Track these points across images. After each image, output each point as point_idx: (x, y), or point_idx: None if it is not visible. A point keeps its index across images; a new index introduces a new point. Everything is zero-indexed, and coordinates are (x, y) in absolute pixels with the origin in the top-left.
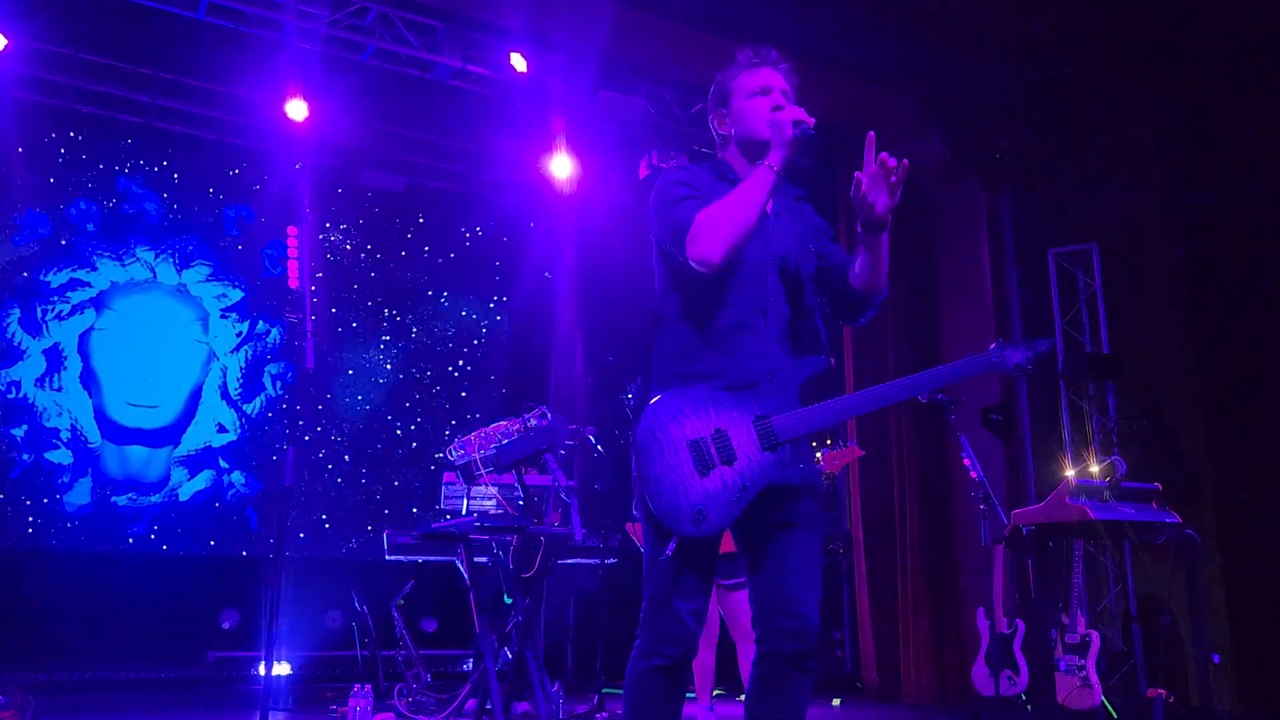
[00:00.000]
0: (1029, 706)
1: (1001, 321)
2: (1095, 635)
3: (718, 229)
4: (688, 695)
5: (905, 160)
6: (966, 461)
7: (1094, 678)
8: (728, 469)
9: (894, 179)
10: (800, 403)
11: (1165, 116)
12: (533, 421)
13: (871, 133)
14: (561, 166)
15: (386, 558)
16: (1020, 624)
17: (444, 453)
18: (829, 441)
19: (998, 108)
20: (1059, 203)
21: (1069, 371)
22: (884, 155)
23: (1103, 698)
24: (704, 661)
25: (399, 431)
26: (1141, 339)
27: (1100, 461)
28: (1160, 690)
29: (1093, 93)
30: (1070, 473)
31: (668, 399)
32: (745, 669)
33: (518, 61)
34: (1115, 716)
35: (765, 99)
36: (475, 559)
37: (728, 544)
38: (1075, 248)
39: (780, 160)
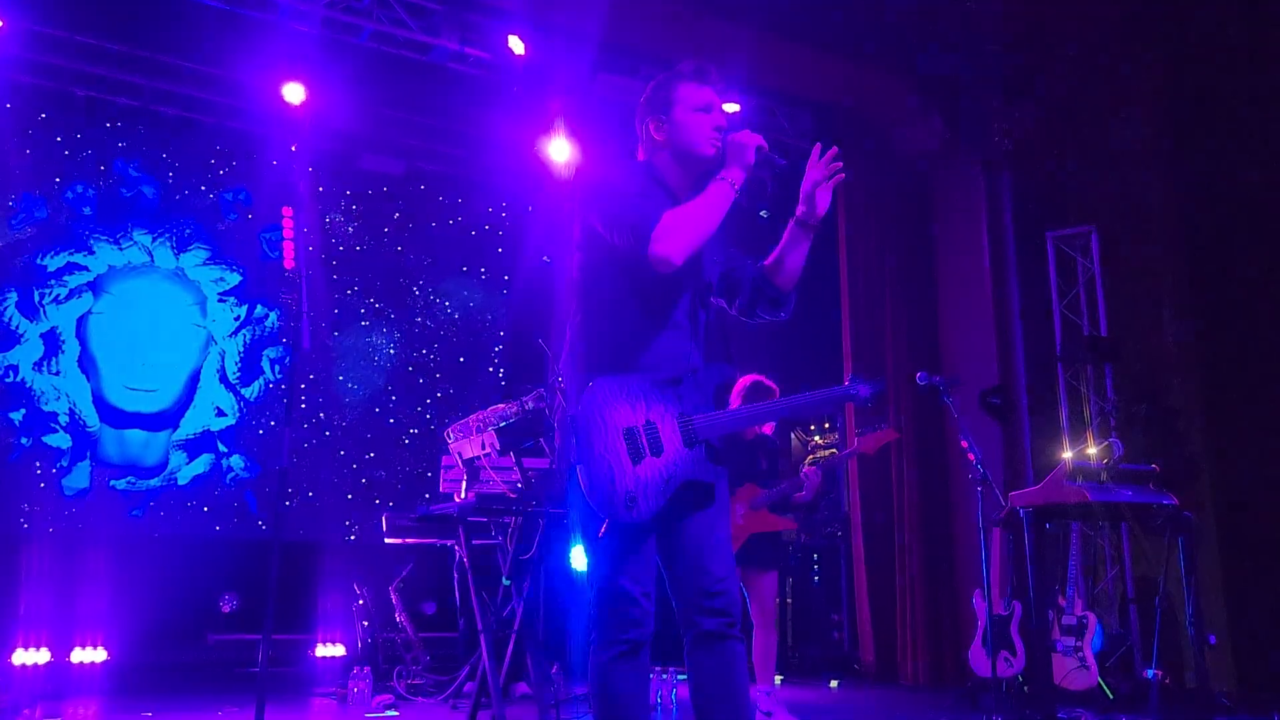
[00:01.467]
0: (1026, 688)
1: (1000, 305)
2: (1092, 617)
3: (682, 234)
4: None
5: (839, 164)
6: (964, 444)
7: (1090, 659)
8: (656, 460)
9: (837, 178)
10: (714, 405)
11: (1165, 98)
12: (530, 404)
13: (818, 144)
14: (560, 150)
15: (385, 541)
16: (1017, 605)
17: (443, 435)
18: (858, 431)
19: (997, 89)
20: (1058, 185)
21: (1067, 354)
22: (830, 153)
23: (1099, 679)
24: (765, 643)
25: (399, 415)
26: (1140, 322)
27: (1098, 443)
28: (1157, 671)
29: (1092, 74)
30: (1068, 455)
31: (608, 383)
32: (757, 654)
33: (516, 44)
34: (1112, 697)
35: (707, 116)
36: (474, 541)
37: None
38: (1074, 230)
39: (741, 180)
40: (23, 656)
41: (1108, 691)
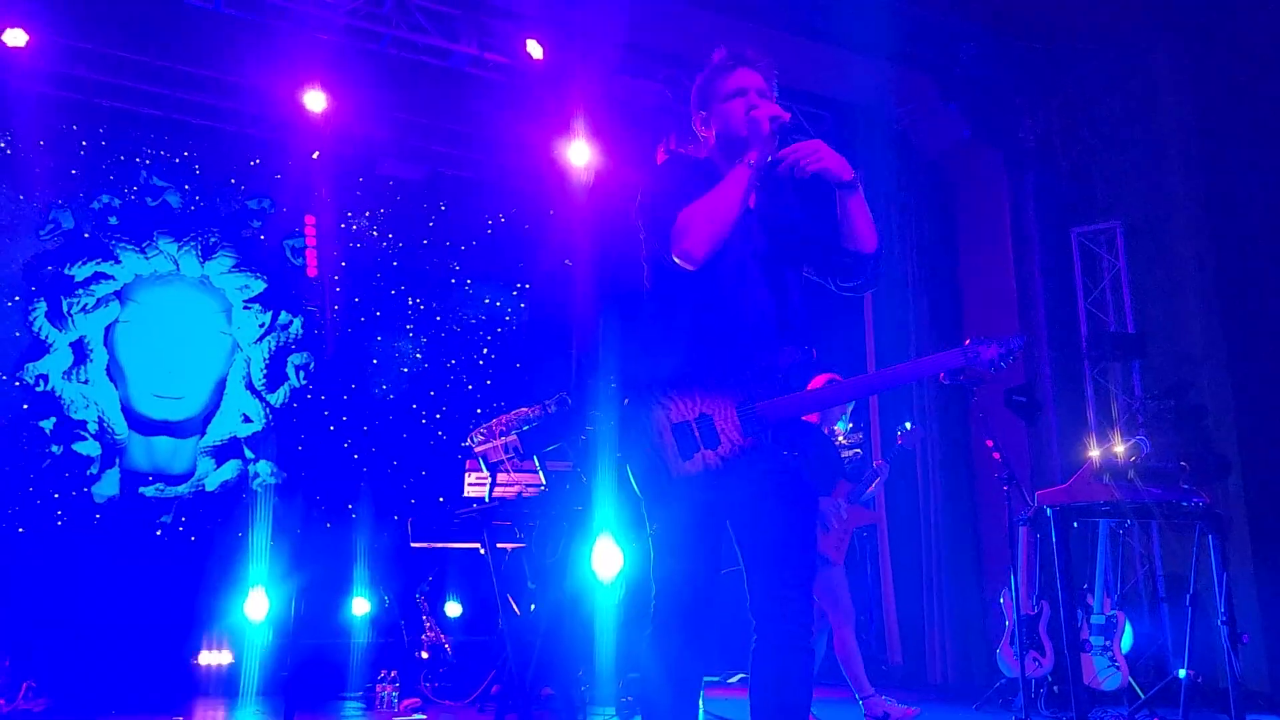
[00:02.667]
0: (1055, 688)
1: (1024, 301)
2: (1121, 615)
3: (697, 227)
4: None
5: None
6: (990, 443)
7: (1121, 658)
8: (710, 452)
9: (820, 151)
10: (784, 389)
11: (1191, 91)
12: (553, 407)
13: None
14: (579, 153)
15: (411, 545)
16: (1046, 605)
17: (467, 439)
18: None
19: (1019, 85)
20: (1082, 181)
21: (1093, 351)
22: (791, 149)
23: (1130, 678)
24: (848, 642)
25: (424, 419)
26: (1167, 317)
27: (1125, 441)
28: (1189, 671)
29: (1115, 68)
30: (1095, 452)
31: (653, 385)
32: (848, 648)
33: (534, 48)
34: (1143, 697)
35: (741, 100)
36: (499, 544)
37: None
38: (1099, 226)
39: (758, 157)
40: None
41: (1139, 691)
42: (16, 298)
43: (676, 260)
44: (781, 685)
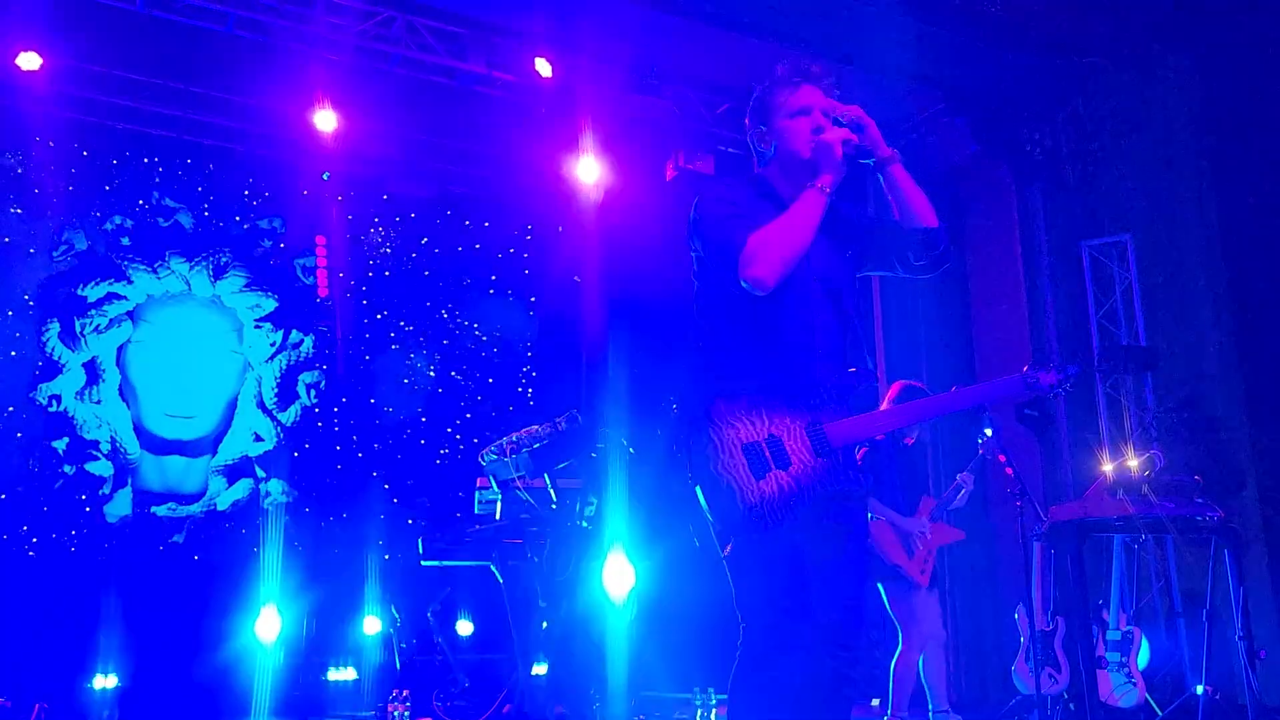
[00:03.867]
0: (1071, 705)
1: (1035, 315)
2: (1138, 631)
3: (771, 252)
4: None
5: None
6: (1002, 458)
7: (1137, 675)
8: (783, 473)
9: (862, 119)
10: (850, 412)
11: (1200, 102)
12: (564, 424)
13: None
14: (588, 170)
15: (422, 563)
16: (1061, 621)
17: (478, 457)
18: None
19: (1027, 98)
20: (1092, 194)
21: (1105, 365)
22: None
23: (1147, 695)
24: (911, 665)
25: (435, 437)
26: (1179, 330)
27: (1139, 455)
28: (1207, 687)
29: (1124, 80)
30: (1108, 467)
31: (721, 405)
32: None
33: (542, 66)
34: (1160, 714)
35: (806, 119)
36: (509, 562)
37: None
38: (1109, 239)
39: (831, 184)
40: (68, 679)
41: (1156, 708)
42: (11, 315)
43: (745, 285)
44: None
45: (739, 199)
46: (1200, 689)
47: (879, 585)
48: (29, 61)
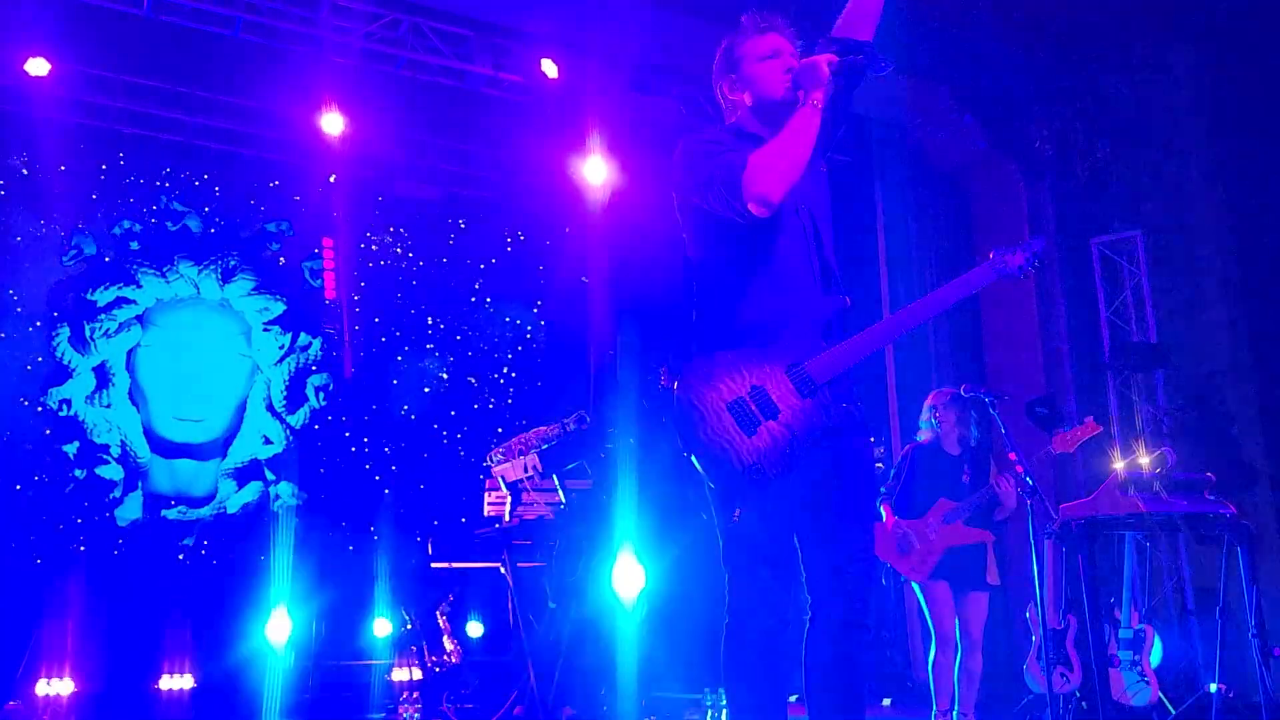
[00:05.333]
0: (1083, 704)
1: (1044, 312)
2: (1150, 630)
3: (774, 167)
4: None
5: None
6: (1012, 455)
7: (1150, 673)
8: (773, 423)
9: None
10: (826, 343)
11: (1210, 98)
12: (572, 425)
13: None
14: (595, 171)
15: (432, 565)
16: (1072, 619)
17: (485, 458)
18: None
19: (1035, 95)
20: (1101, 190)
21: (1116, 362)
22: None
23: (1160, 694)
24: (968, 667)
25: (443, 439)
26: (1190, 326)
27: (1150, 452)
28: (1220, 685)
29: (1134, 76)
30: (1119, 464)
31: (698, 365)
32: (962, 674)
33: (549, 67)
34: (1174, 713)
35: (776, 61)
36: (519, 564)
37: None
38: (1119, 236)
39: (822, 99)
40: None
41: (1169, 707)
42: (37, 323)
43: (749, 203)
44: (836, 665)
45: (722, 139)
46: (1214, 687)
47: (914, 585)
48: (37, 67)
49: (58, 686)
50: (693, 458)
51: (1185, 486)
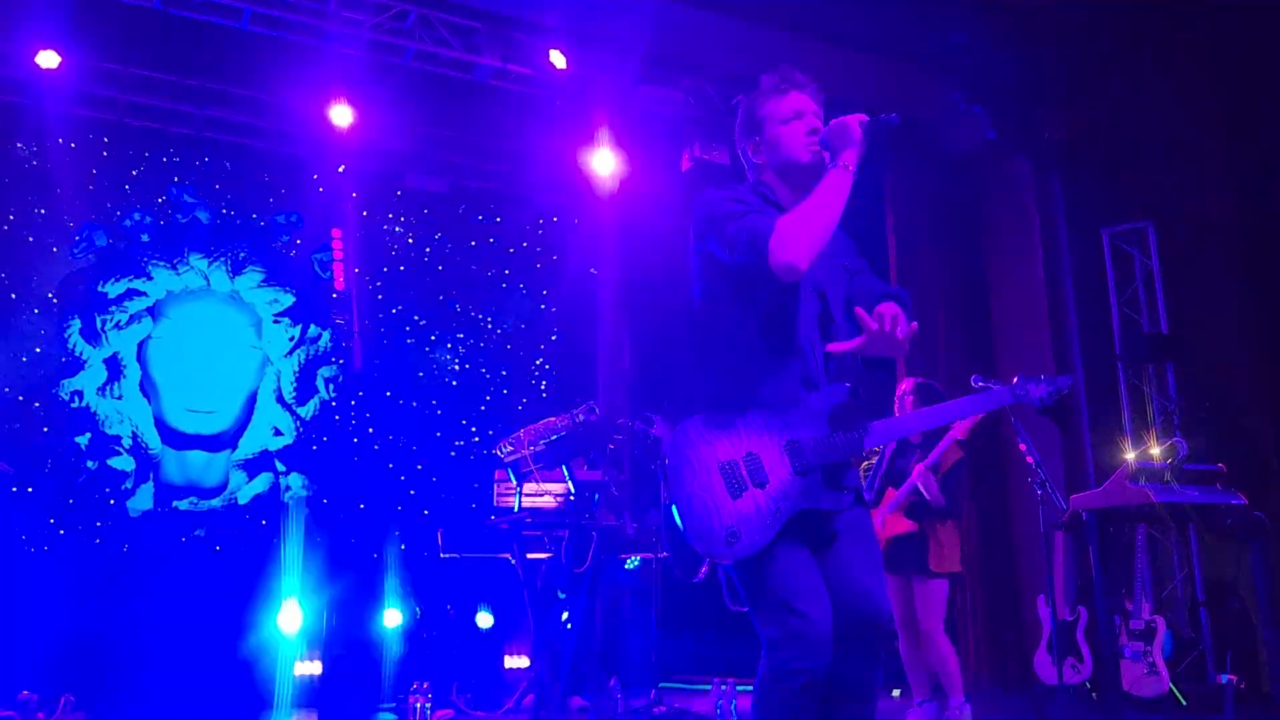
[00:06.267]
0: (1094, 695)
1: (1054, 303)
2: (1161, 621)
3: (802, 233)
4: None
5: None
6: (1023, 447)
7: (1161, 665)
8: (760, 491)
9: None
10: (829, 429)
11: (1221, 85)
12: (581, 416)
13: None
14: (603, 162)
15: (441, 556)
16: (1083, 611)
17: (495, 450)
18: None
19: (1044, 85)
20: (1111, 181)
21: (1127, 353)
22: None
23: (1170, 685)
24: (909, 655)
25: (452, 429)
26: (1202, 317)
27: (1161, 443)
28: (1231, 676)
29: (1143, 64)
30: (1130, 456)
31: (697, 422)
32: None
33: (557, 59)
34: (1184, 704)
35: (800, 123)
36: (529, 555)
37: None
38: (1130, 226)
39: (854, 160)
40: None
41: (1180, 698)
42: (38, 313)
43: (775, 268)
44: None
45: (748, 199)
46: (1224, 678)
47: None
48: (48, 60)
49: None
50: (673, 508)
51: (1196, 478)
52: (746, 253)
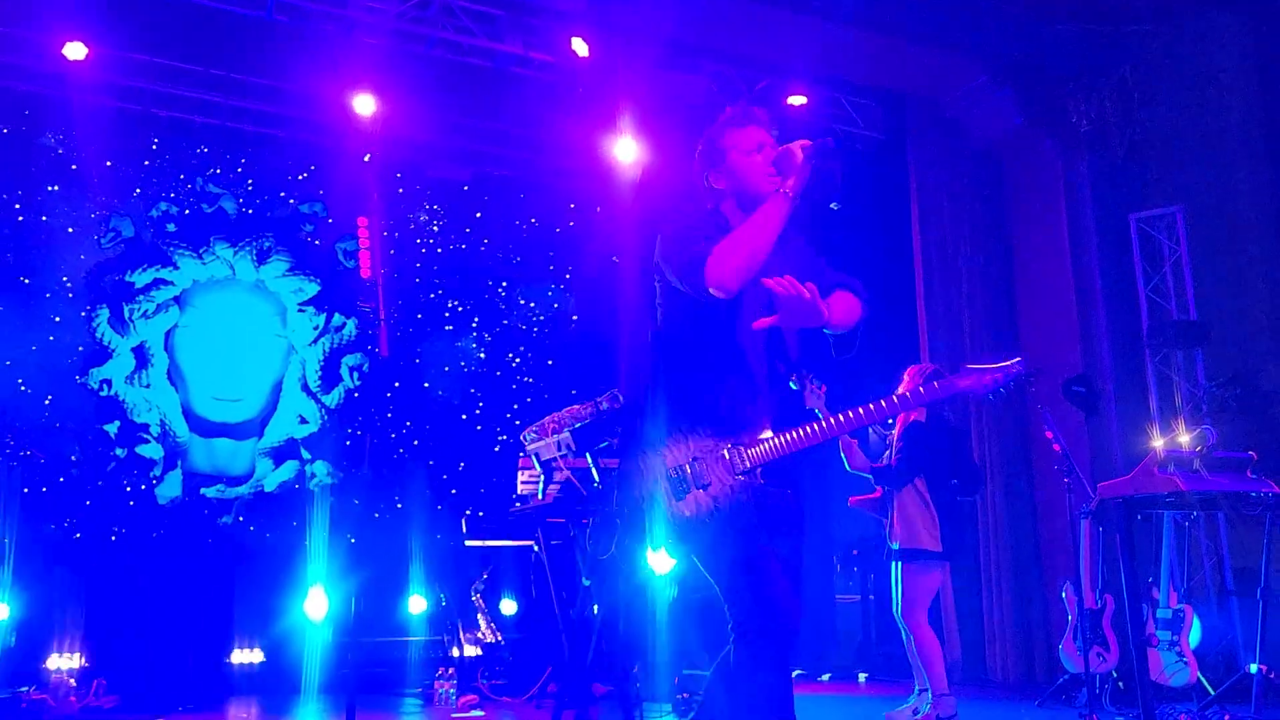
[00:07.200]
0: (1120, 684)
1: (1081, 289)
2: (1189, 609)
3: (735, 255)
4: None
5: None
6: (1049, 434)
7: (1189, 654)
8: (701, 492)
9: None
10: (773, 430)
11: (1253, 69)
12: (605, 404)
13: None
14: (625, 149)
15: (465, 543)
16: (1109, 599)
17: (519, 438)
18: None
19: (1072, 69)
20: (1140, 165)
21: (1154, 339)
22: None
23: (1199, 674)
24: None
25: (476, 417)
26: (1231, 303)
27: (1190, 430)
28: (1261, 666)
29: (1173, 47)
30: (1158, 443)
31: (653, 433)
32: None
33: (579, 46)
34: (1213, 693)
35: (760, 155)
36: (552, 542)
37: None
38: (1158, 211)
39: (794, 188)
40: (124, 656)
41: (1208, 687)
42: (70, 299)
43: (709, 287)
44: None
45: (703, 225)
46: (1254, 668)
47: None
48: (75, 51)
49: (67, 662)
50: (631, 508)
51: (1225, 465)
52: (686, 274)
